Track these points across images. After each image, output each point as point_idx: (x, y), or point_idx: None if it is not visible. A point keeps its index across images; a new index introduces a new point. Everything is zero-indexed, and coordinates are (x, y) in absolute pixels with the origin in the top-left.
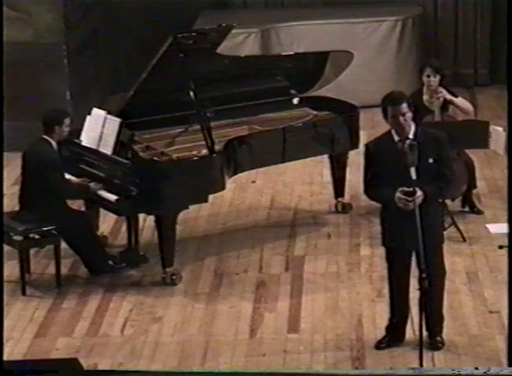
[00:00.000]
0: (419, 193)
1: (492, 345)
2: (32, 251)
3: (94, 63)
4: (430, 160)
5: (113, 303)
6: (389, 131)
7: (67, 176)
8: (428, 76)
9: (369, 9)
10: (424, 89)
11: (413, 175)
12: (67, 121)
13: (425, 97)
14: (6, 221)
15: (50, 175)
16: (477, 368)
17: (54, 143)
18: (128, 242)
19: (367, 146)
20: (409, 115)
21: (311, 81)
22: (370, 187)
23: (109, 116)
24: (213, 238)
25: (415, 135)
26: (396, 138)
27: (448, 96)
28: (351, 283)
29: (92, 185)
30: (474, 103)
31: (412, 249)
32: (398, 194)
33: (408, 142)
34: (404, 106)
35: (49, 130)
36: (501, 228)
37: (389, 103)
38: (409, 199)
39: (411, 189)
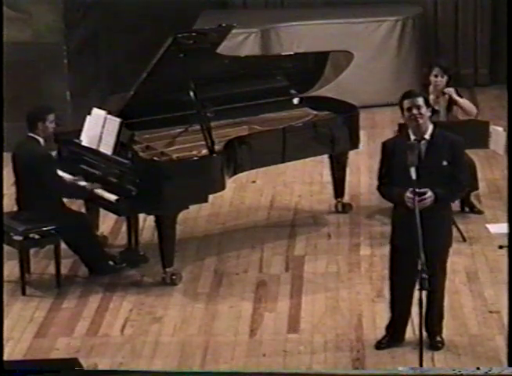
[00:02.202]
0: (429, 193)
1: (492, 345)
2: (32, 251)
3: (94, 63)
4: (445, 163)
5: (113, 303)
6: (407, 131)
7: (63, 174)
8: (436, 76)
9: (369, 9)
10: (431, 88)
11: (413, 175)
12: (51, 117)
13: (431, 97)
14: (6, 221)
15: (42, 172)
16: (478, 368)
17: (41, 140)
18: (127, 242)
19: (384, 143)
20: (425, 111)
21: (311, 81)
22: (383, 185)
23: (109, 116)
24: (213, 238)
25: (431, 135)
26: (412, 137)
27: (454, 96)
28: (351, 283)
29: (88, 185)
30: (475, 103)
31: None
32: (407, 194)
33: (409, 142)
34: (419, 99)
35: (33, 127)
36: (501, 228)
37: (405, 97)
38: (415, 198)
39: (418, 189)
